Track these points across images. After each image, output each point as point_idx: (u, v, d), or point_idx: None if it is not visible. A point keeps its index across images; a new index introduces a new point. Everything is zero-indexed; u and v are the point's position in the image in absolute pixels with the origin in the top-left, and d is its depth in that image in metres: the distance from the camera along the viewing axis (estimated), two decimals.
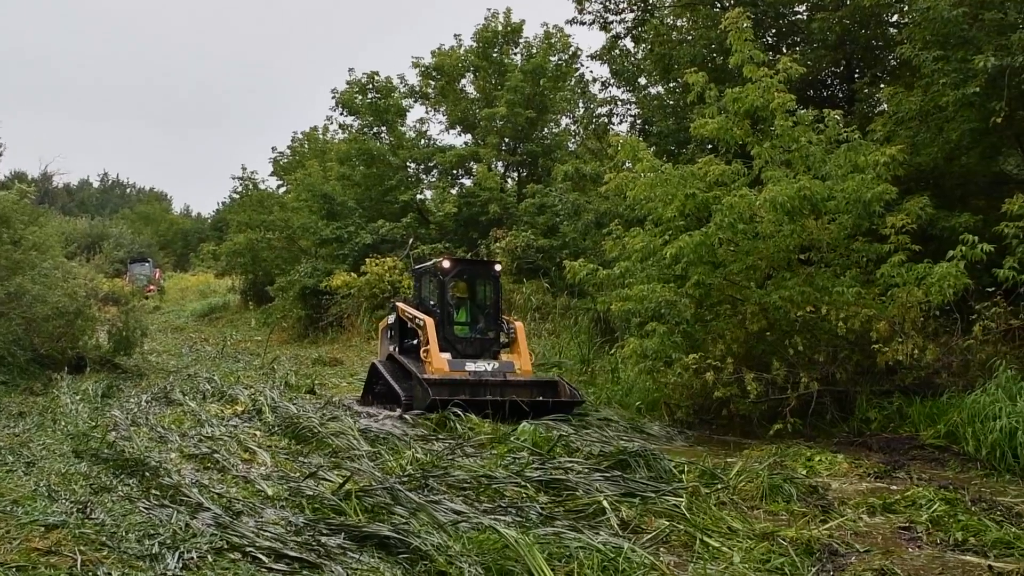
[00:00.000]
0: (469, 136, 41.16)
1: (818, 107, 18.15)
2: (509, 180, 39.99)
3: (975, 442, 12.86)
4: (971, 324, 15.79)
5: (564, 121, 40.60)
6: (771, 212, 15.97)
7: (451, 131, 41.71)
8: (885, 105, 21.67)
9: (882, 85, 23.34)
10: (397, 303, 20.00)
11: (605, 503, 9.33)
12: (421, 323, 17.96)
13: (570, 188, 31.10)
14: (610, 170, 19.67)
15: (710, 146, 20.96)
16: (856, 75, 25.53)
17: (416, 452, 12.53)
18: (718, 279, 16.73)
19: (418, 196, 39.58)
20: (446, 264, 18.62)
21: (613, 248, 18.78)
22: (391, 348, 19.49)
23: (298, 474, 10.74)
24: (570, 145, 39.44)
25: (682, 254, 16.15)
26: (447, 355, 17.59)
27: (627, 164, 19.74)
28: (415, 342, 18.56)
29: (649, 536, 8.64)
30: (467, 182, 39.87)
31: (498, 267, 19.46)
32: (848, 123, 18.06)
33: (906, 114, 20.00)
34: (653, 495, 9.93)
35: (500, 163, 39.72)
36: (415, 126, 41.89)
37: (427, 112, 44.51)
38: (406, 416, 16.16)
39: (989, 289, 15.92)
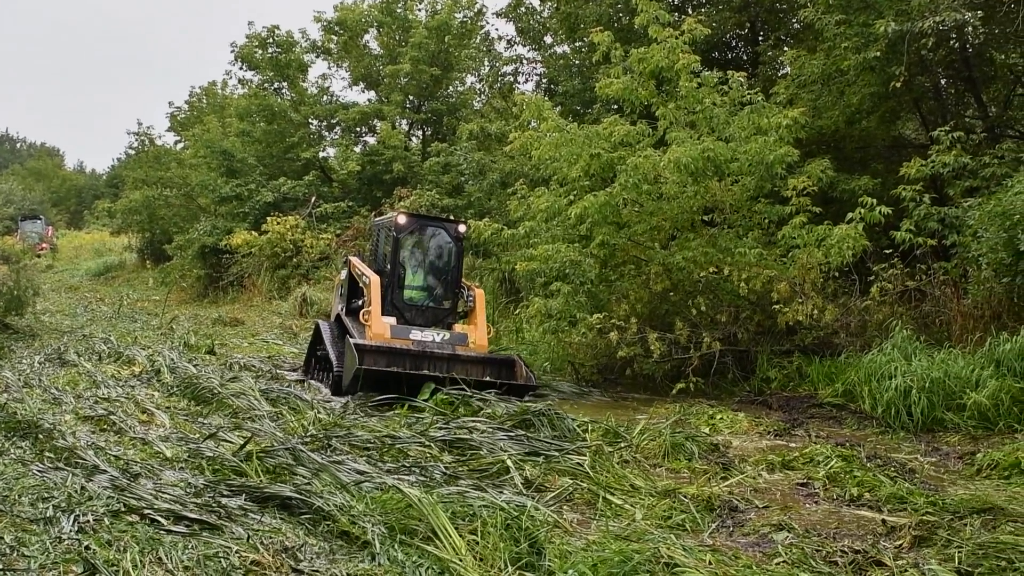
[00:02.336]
0: (373, 93, 40.70)
1: (722, 69, 18.23)
2: (414, 138, 39.68)
3: (871, 400, 13.10)
4: (869, 285, 16.10)
5: (469, 79, 40.34)
6: (675, 173, 16.02)
7: (354, 88, 41.18)
8: (788, 68, 21.88)
9: (785, 48, 23.55)
10: (350, 257, 17.70)
11: (509, 462, 9.28)
12: (367, 280, 15.74)
13: (475, 147, 30.96)
14: (515, 129, 19.59)
15: (615, 106, 20.94)
16: (760, 38, 25.75)
17: (318, 412, 12.36)
18: (622, 239, 16.76)
19: (320, 154, 39.01)
20: (402, 219, 16.21)
21: (518, 208, 18.71)
22: (339, 307, 17.35)
23: (198, 435, 10.51)
24: (475, 104, 39.18)
25: (587, 214, 16.14)
26: (391, 320, 15.36)
27: (532, 124, 19.63)
28: (361, 302, 16.22)
29: (553, 494, 8.61)
30: (371, 140, 39.46)
31: (463, 228, 16.83)
32: (752, 85, 18.20)
33: (808, 77, 20.24)
34: (557, 454, 9.91)
35: (404, 121, 39.35)
36: (317, 82, 41.28)
37: (329, 68, 43.95)
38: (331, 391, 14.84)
39: (887, 251, 16.24)
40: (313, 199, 34.34)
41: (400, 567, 6.23)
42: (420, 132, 40.24)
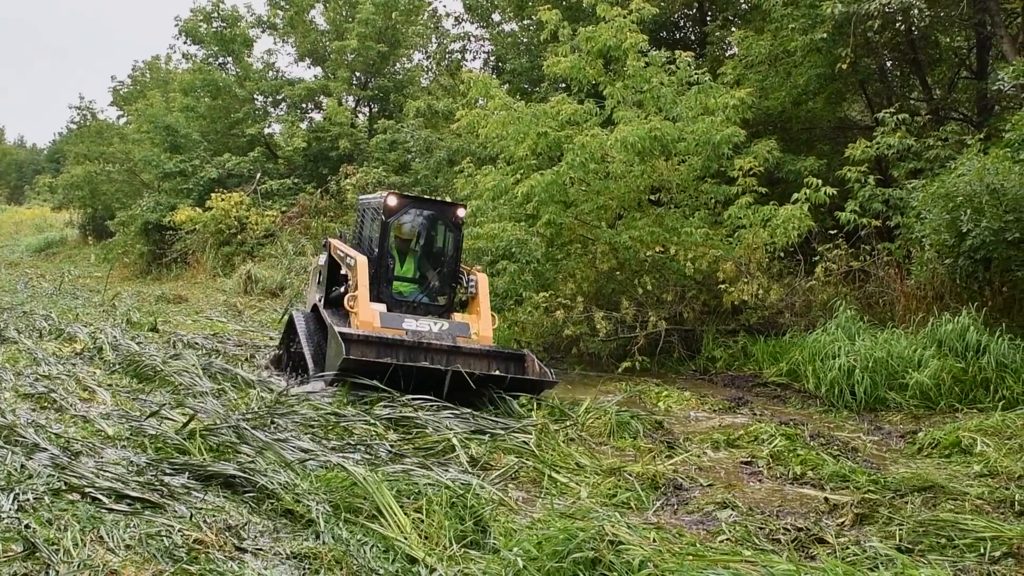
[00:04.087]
0: (319, 69, 40.23)
1: (670, 49, 18.23)
2: (360, 115, 39.32)
3: (815, 380, 13.24)
4: (814, 266, 16.25)
5: (417, 56, 40.02)
6: (622, 152, 16.02)
7: (300, 64, 40.73)
8: (736, 49, 21.96)
9: (733, 29, 23.63)
10: (330, 240, 15.63)
11: (455, 441, 9.24)
12: (352, 262, 13.84)
13: (422, 125, 30.77)
14: (463, 107, 19.46)
15: (563, 85, 20.90)
16: (708, 18, 25.82)
17: (261, 391, 12.23)
18: (569, 218, 16.74)
19: (266, 130, 38.53)
20: (392, 201, 14.06)
21: (465, 186, 18.64)
22: (317, 297, 15.22)
23: (140, 413, 10.35)
24: (423, 81, 38.93)
25: (534, 193, 16.10)
26: (380, 306, 13.43)
27: (480, 102, 19.52)
28: (344, 289, 14.28)
29: (498, 473, 8.60)
30: (317, 116, 39.01)
31: (462, 211, 14.58)
32: (699, 66, 18.21)
33: (756, 58, 20.33)
34: (503, 432, 9.89)
35: (351, 98, 38.98)
36: (263, 57, 40.75)
37: (275, 43, 43.51)
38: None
39: (832, 231, 16.38)
40: (258, 176, 33.97)
41: (345, 545, 6.17)
42: (367, 109, 39.89)
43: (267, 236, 30.95)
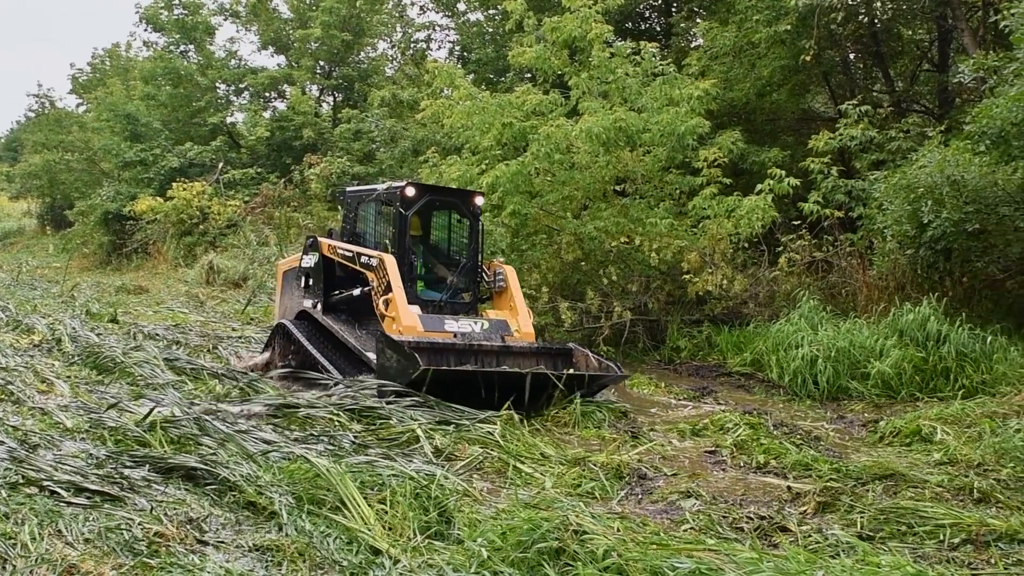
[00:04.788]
0: (282, 58, 40.07)
1: (635, 40, 18.28)
2: (324, 104, 39.15)
3: (779, 369, 13.30)
4: (777, 256, 16.34)
5: (381, 45, 39.96)
6: (587, 143, 16.03)
7: (263, 52, 40.49)
8: (700, 40, 22.03)
9: (698, 20, 23.71)
10: (319, 238, 14.27)
11: (419, 431, 9.21)
12: (374, 262, 12.53)
13: (387, 114, 30.69)
14: (427, 97, 19.42)
15: (528, 75, 20.91)
16: (673, 9, 25.88)
17: (220, 384, 12.15)
18: (534, 209, 16.73)
19: (228, 119, 38.34)
20: (410, 191, 12.83)
21: (430, 176, 18.58)
22: (309, 303, 13.90)
23: (99, 405, 10.25)
24: (387, 70, 38.85)
25: (498, 183, 16.07)
26: (416, 308, 12.19)
27: (445, 91, 19.48)
28: (356, 293, 13.05)
29: (463, 463, 8.58)
30: (280, 105, 38.90)
31: (480, 199, 13.60)
32: (664, 57, 18.26)
33: (720, 49, 20.41)
34: (467, 423, 9.87)
35: (315, 87, 38.85)
36: (225, 45, 40.65)
37: (238, 31, 43.18)
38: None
39: (795, 222, 16.49)
40: (220, 165, 33.74)
41: (308, 537, 6.14)
42: (331, 98, 39.72)
43: (230, 226, 30.76)
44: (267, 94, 39.53)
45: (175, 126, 37.43)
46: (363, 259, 12.93)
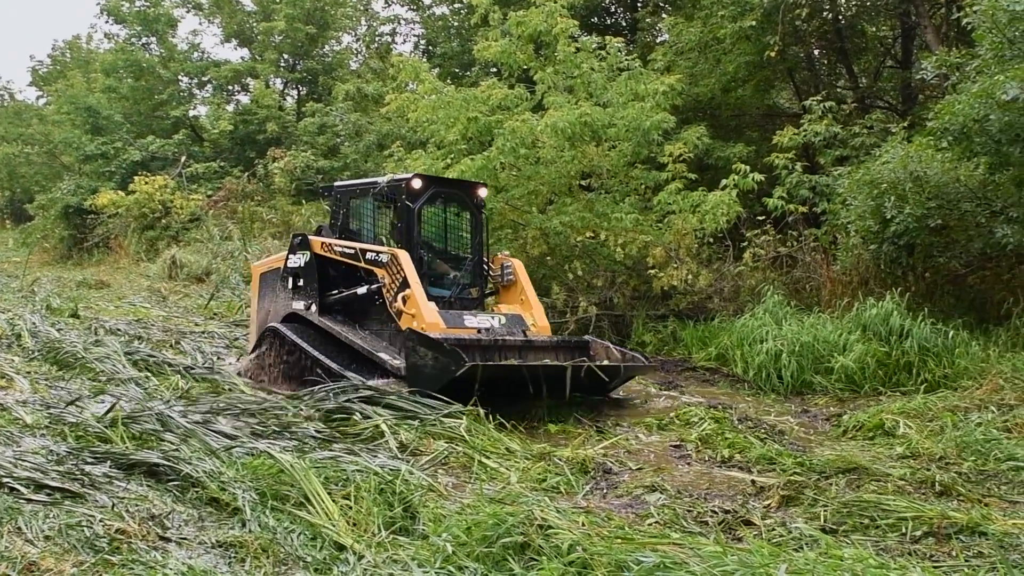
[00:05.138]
0: (246, 51, 39.83)
1: (601, 34, 18.28)
2: (288, 98, 38.97)
3: (743, 364, 13.35)
4: (742, 251, 16.41)
5: (346, 39, 39.82)
6: (553, 138, 16.03)
7: (226, 45, 40.33)
8: (666, 35, 22.09)
9: (664, 15, 23.77)
10: (309, 237, 13.50)
11: (384, 426, 9.17)
12: (384, 258, 12.01)
13: (351, 108, 30.61)
14: (392, 91, 19.36)
15: (494, 70, 20.87)
16: (639, 4, 25.92)
17: (182, 379, 12.07)
18: (500, 203, 16.72)
19: (191, 112, 38.10)
20: (418, 183, 12.38)
21: (395, 170, 18.50)
22: (301, 305, 13.16)
23: (60, 401, 10.15)
24: (352, 64, 38.72)
25: (464, 178, 16.02)
26: (433, 305, 11.68)
27: (410, 85, 19.43)
28: (361, 292, 12.48)
29: (428, 458, 8.55)
30: (244, 99, 38.66)
31: (483, 191, 13.25)
32: (630, 52, 18.29)
33: (686, 45, 20.47)
34: (433, 418, 9.83)
35: (278, 80, 38.63)
36: (188, 38, 40.18)
37: (200, 24, 42.83)
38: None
39: (760, 218, 16.57)
40: (183, 159, 33.48)
41: (271, 533, 6.10)
42: (295, 92, 39.53)
43: (192, 220, 30.51)
44: (230, 87, 39.28)
45: (137, 119, 37.10)
46: (369, 256, 12.39)
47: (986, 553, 5.85)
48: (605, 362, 11.52)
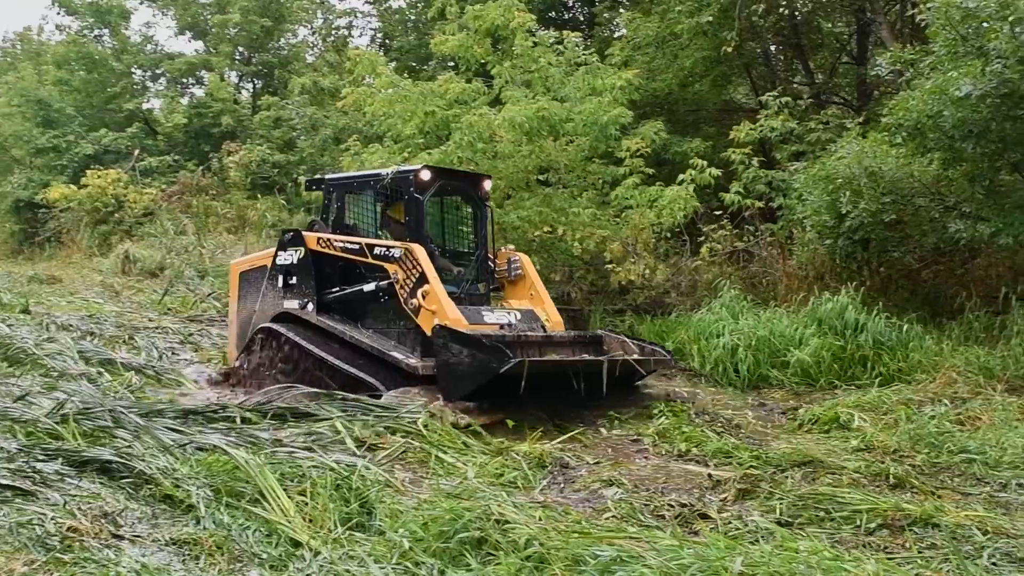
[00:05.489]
0: (200, 44, 39.48)
1: (559, 29, 18.29)
2: (243, 91, 38.71)
3: (700, 358, 13.38)
4: (699, 246, 16.48)
5: (302, 32, 39.58)
6: (510, 132, 16.00)
7: (181, 37, 39.89)
8: (624, 30, 22.12)
9: (621, 10, 23.82)
10: (304, 232, 12.70)
11: (339, 424, 9.11)
12: (397, 253, 11.39)
13: (307, 102, 30.44)
14: (349, 85, 19.27)
15: (451, 64, 20.82)
16: None
17: (134, 376, 11.94)
18: None
19: (145, 105, 37.71)
20: (427, 175, 11.88)
21: (351, 165, 18.43)
22: (295, 304, 12.48)
23: (9, 397, 9.99)
24: (308, 57, 38.53)
25: None
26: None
27: (367, 79, 19.32)
28: (369, 289, 11.79)
29: (385, 454, 8.51)
30: (198, 92, 38.36)
31: (488, 184, 12.91)
32: (587, 46, 18.29)
33: (643, 40, 20.52)
34: (390, 414, 9.78)
35: (233, 73, 38.31)
36: (141, 30, 39.85)
37: (154, 15, 42.42)
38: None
39: (717, 213, 16.64)
40: (136, 152, 33.15)
41: (226, 530, 6.04)
42: (250, 85, 39.28)
43: (146, 215, 30.18)
44: (184, 80, 38.97)
45: (89, 112, 36.65)
46: (378, 251, 11.73)
47: (939, 545, 5.91)
48: (622, 355, 11.30)
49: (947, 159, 13.22)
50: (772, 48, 22.65)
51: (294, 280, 12.62)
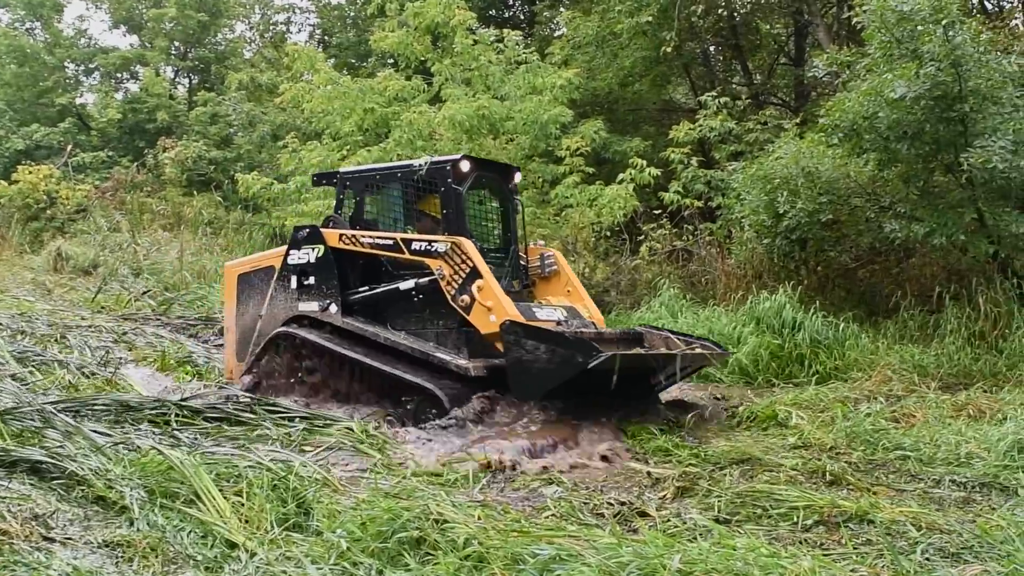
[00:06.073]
0: (135, 38, 38.94)
1: (499, 27, 18.31)
2: (179, 87, 38.21)
3: None
4: (639, 245, 16.55)
5: (239, 27, 39.20)
6: (450, 130, 15.99)
7: (115, 31, 39.38)
8: (564, 29, 22.18)
9: (562, 9, 23.86)
10: (323, 230, 11.56)
11: (270, 426, 9.01)
12: (442, 248, 10.51)
13: (245, 98, 30.16)
14: (287, 81, 19.13)
15: (391, 61, 20.73)
16: None
17: (67, 373, 11.72)
18: None
19: (78, 100, 37.09)
20: (466, 165, 11.06)
21: (289, 162, 18.31)
22: (314, 305, 11.45)
23: None
24: (246, 53, 38.14)
25: None
26: None
27: (305, 75, 19.19)
28: (406, 287, 10.93)
29: (322, 449, 8.43)
30: (133, 87, 37.80)
31: (519, 176, 12.26)
32: (528, 45, 18.31)
33: (583, 39, 20.59)
34: (328, 416, 9.69)
35: (169, 68, 37.85)
36: (74, 23, 39.22)
37: (88, 9, 41.82)
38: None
39: (656, 212, 16.73)
40: (69, 148, 32.60)
41: (161, 532, 5.93)
42: (187, 80, 38.82)
43: (79, 211, 29.70)
44: (119, 75, 38.38)
45: (20, 107, 35.97)
46: (416, 246, 10.79)
47: (874, 540, 5.96)
48: (663, 350, 10.72)
49: (882, 160, 13.39)
50: (711, 49, 22.84)
51: (311, 280, 11.61)
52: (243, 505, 6.40)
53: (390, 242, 11.01)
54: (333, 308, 11.24)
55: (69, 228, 28.90)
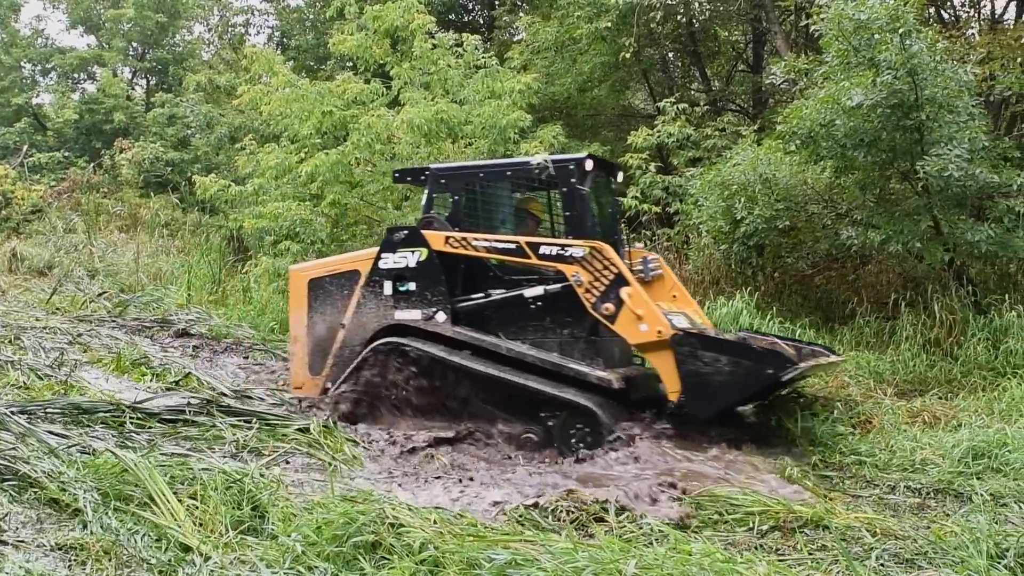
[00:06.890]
0: (92, 38, 38.63)
1: (458, 31, 18.29)
2: (137, 88, 37.97)
3: None
4: None
5: (198, 28, 38.96)
6: (408, 134, 15.97)
7: (72, 31, 39.01)
8: (523, 34, 22.22)
9: (521, 14, 23.91)
10: (424, 232, 10.40)
11: (226, 431, 8.96)
12: (578, 253, 9.63)
13: (203, 100, 29.96)
14: (245, 83, 19.01)
15: (350, 64, 20.68)
16: (497, 2, 26.04)
17: (21, 375, 11.58)
18: (354, 199, 16.59)
19: (34, 100, 36.75)
20: (590, 164, 10.23)
21: (247, 164, 18.20)
22: (416, 314, 10.42)
23: None
24: (204, 54, 37.91)
25: (318, 172, 15.88)
26: None
27: (264, 78, 19.09)
28: (533, 294, 10.06)
29: (279, 454, 8.40)
30: (90, 88, 37.50)
31: (621, 175, 11.70)
32: (487, 50, 18.33)
33: (542, 44, 20.67)
34: (284, 420, 9.65)
35: (127, 69, 37.60)
36: (31, 23, 38.79)
37: (45, 8, 41.39)
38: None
39: None
40: (25, 148, 32.26)
41: (114, 535, 5.89)
42: (144, 81, 38.56)
43: (34, 212, 29.38)
44: (76, 75, 38.08)
45: None
46: (545, 250, 9.88)
47: (829, 546, 6.03)
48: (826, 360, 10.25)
49: (839, 167, 13.50)
50: (670, 55, 22.97)
51: (412, 287, 10.57)
52: (197, 508, 6.37)
53: (512, 246, 10.09)
54: (441, 316, 10.30)
55: (24, 229, 28.56)
